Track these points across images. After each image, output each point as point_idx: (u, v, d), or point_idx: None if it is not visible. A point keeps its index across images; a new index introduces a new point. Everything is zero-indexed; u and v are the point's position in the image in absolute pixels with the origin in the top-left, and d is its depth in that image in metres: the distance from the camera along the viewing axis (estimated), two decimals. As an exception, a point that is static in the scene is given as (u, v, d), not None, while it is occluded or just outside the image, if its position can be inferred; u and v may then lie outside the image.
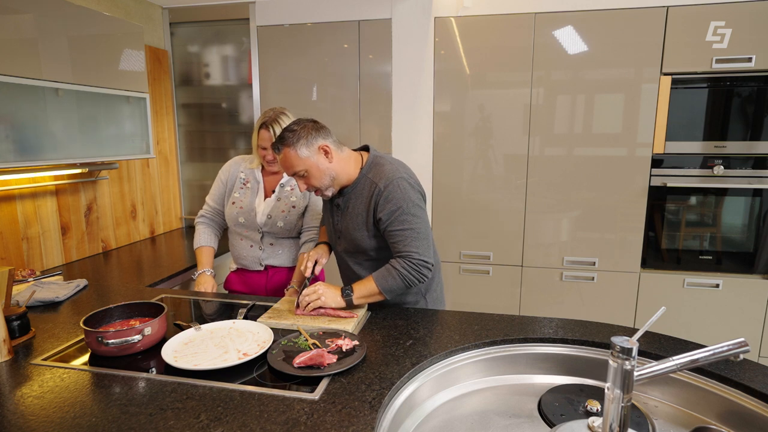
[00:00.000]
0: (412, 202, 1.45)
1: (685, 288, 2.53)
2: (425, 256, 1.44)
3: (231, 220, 1.95)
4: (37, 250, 2.17)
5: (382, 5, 2.66)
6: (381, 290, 1.45)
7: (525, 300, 2.74)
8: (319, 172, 1.45)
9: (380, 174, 1.48)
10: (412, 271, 1.43)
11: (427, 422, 1.13)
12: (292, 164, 1.44)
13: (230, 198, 1.95)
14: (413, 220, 1.45)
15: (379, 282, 1.45)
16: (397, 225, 1.44)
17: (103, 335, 1.20)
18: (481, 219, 2.73)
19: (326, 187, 1.49)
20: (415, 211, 1.45)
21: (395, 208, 1.43)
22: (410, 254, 1.43)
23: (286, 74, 2.85)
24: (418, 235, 1.45)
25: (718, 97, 2.37)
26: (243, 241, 1.96)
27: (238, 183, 1.96)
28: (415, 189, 1.49)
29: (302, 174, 1.45)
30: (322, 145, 1.44)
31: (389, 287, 1.45)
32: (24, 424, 0.95)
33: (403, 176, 1.48)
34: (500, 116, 2.62)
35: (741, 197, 2.43)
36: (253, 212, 1.91)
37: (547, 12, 2.47)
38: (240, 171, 1.97)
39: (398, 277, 1.43)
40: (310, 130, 1.44)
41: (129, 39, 2.23)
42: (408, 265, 1.43)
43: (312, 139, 1.43)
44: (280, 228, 1.92)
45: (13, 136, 1.74)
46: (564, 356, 1.30)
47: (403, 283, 1.44)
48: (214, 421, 0.95)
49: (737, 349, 0.82)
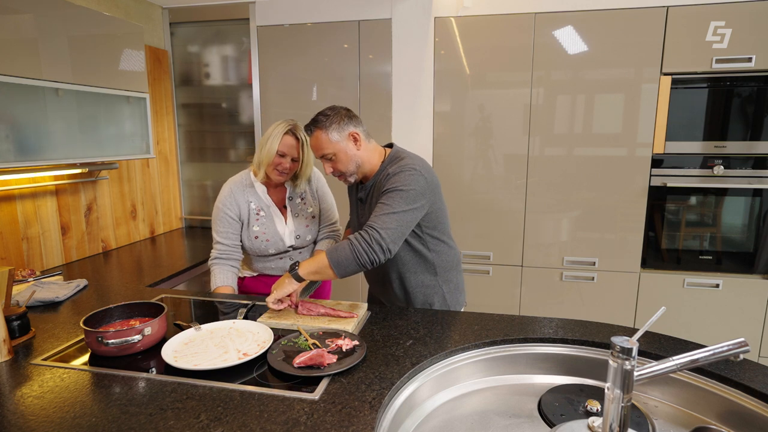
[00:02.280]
0: (408, 189, 1.42)
1: (685, 288, 2.53)
2: (384, 235, 1.36)
3: (259, 251, 1.87)
4: (37, 250, 2.17)
5: (382, 5, 2.66)
6: (330, 262, 1.39)
7: (525, 300, 2.74)
8: (347, 157, 1.51)
9: (396, 164, 1.49)
10: (363, 243, 1.36)
11: (427, 422, 1.13)
12: (322, 146, 1.50)
13: (250, 233, 1.84)
14: (399, 203, 1.40)
15: (330, 254, 1.39)
16: (383, 199, 1.43)
17: (103, 335, 1.20)
18: (481, 219, 2.73)
19: (351, 174, 1.54)
20: (405, 196, 1.41)
21: (390, 187, 1.43)
22: (371, 225, 1.38)
23: (286, 74, 2.85)
24: (393, 216, 1.39)
25: (718, 97, 2.37)
26: (269, 255, 1.90)
27: (252, 215, 1.85)
28: (420, 181, 1.44)
29: (330, 157, 1.51)
30: (352, 132, 1.50)
31: (337, 259, 1.38)
32: (24, 424, 0.95)
33: (416, 168, 1.46)
34: (500, 116, 2.62)
35: (741, 197, 2.43)
36: (281, 241, 1.87)
37: (547, 12, 2.47)
38: (249, 201, 1.85)
39: (348, 248, 1.37)
40: (343, 116, 1.50)
41: (129, 39, 2.23)
42: (361, 236, 1.37)
43: (344, 125, 1.49)
44: (309, 240, 1.93)
45: (13, 136, 1.74)
46: (564, 356, 1.30)
47: (352, 256, 1.37)
48: (214, 421, 0.95)
49: (737, 349, 0.82)
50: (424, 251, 1.58)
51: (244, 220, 1.85)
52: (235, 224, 1.84)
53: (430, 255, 1.59)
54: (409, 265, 1.59)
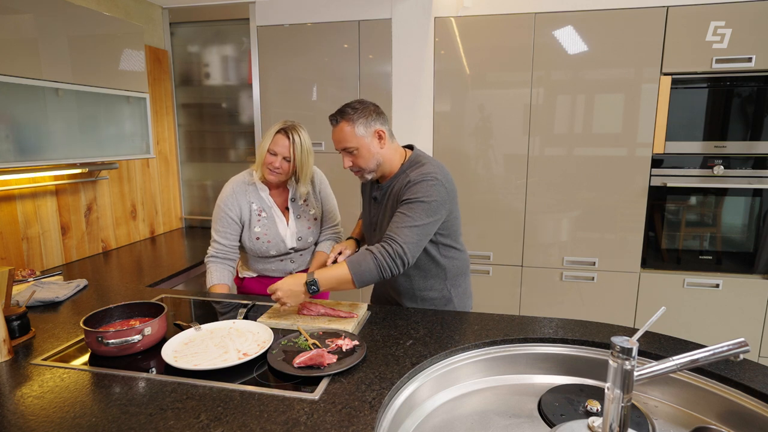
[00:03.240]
0: (429, 200, 1.41)
1: (685, 288, 2.53)
2: (406, 249, 1.36)
3: (260, 252, 1.86)
4: (37, 250, 2.16)
5: (382, 5, 2.66)
6: (353, 276, 1.36)
7: (525, 300, 2.74)
8: (369, 154, 1.47)
9: (417, 170, 1.48)
10: (387, 258, 1.36)
11: (427, 422, 1.13)
12: (346, 139, 1.45)
13: (251, 234, 1.83)
14: (418, 215, 1.40)
15: (352, 267, 1.36)
16: (404, 209, 1.42)
17: (103, 335, 1.20)
18: (481, 219, 2.73)
19: (370, 171, 1.51)
20: (426, 208, 1.40)
21: (412, 197, 1.41)
22: (393, 238, 1.37)
23: (286, 74, 2.85)
24: (415, 229, 1.39)
25: (718, 97, 2.37)
26: (270, 257, 1.89)
27: (254, 216, 1.83)
28: (441, 192, 1.44)
29: (352, 151, 1.47)
30: (378, 129, 1.47)
31: (361, 272, 1.36)
32: (24, 424, 0.95)
33: (437, 177, 1.44)
34: (500, 116, 2.62)
35: (741, 197, 2.43)
36: (282, 243, 1.86)
37: (547, 12, 2.47)
38: (250, 201, 1.84)
39: (372, 261, 1.36)
40: (371, 112, 1.47)
41: (129, 39, 2.23)
42: (385, 249, 1.37)
43: (372, 120, 1.46)
44: (311, 242, 1.93)
45: (13, 136, 1.74)
46: (564, 356, 1.30)
47: (376, 269, 1.36)
48: (214, 421, 0.95)
49: (737, 349, 0.82)
50: (437, 256, 1.56)
51: (245, 221, 1.83)
52: (234, 225, 1.83)
53: (442, 260, 1.57)
54: (420, 268, 1.58)
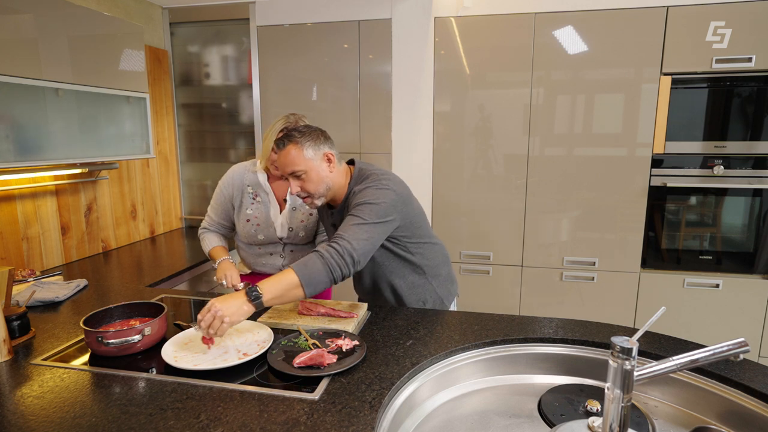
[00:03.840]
0: (378, 203, 1.38)
1: (685, 288, 2.53)
2: (357, 248, 1.30)
3: (248, 237, 1.86)
4: (37, 250, 2.16)
5: (382, 5, 2.66)
6: (301, 280, 1.25)
7: (525, 300, 2.74)
8: (318, 177, 1.43)
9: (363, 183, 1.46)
10: (336, 256, 1.28)
11: (427, 422, 1.13)
12: (294, 162, 1.41)
13: (242, 215, 1.84)
14: (369, 215, 1.36)
15: (299, 270, 1.26)
16: (352, 212, 1.39)
17: (103, 335, 1.20)
18: (481, 219, 2.73)
19: (319, 196, 1.46)
20: (376, 210, 1.37)
21: (361, 201, 1.39)
22: (341, 236, 1.32)
23: (286, 74, 2.85)
24: (364, 227, 1.34)
25: (718, 97, 2.37)
26: (261, 250, 1.90)
27: (247, 198, 1.85)
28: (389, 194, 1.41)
29: (300, 175, 1.42)
30: (327, 152, 1.45)
31: (310, 275, 1.26)
32: (24, 424, 0.95)
33: (383, 182, 1.43)
34: (500, 116, 2.62)
35: (741, 197, 2.43)
36: (272, 227, 1.85)
37: (547, 12, 2.47)
38: (246, 184, 1.85)
39: (319, 261, 1.28)
40: (319, 135, 1.45)
41: (129, 39, 2.23)
42: (332, 247, 1.30)
43: (320, 143, 1.44)
44: (302, 237, 1.89)
45: (13, 136, 1.74)
46: (564, 356, 1.30)
47: (325, 270, 1.27)
48: (214, 421, 0.95)
49: (737, 349, 0.82)
50: (408, 256, 1.56)
51: (236, 203, 1.85)
52: (226, 203, 1.86)
53: (414, 258, 1.57)
54: (396, 271, 1.58)
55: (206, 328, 1.18)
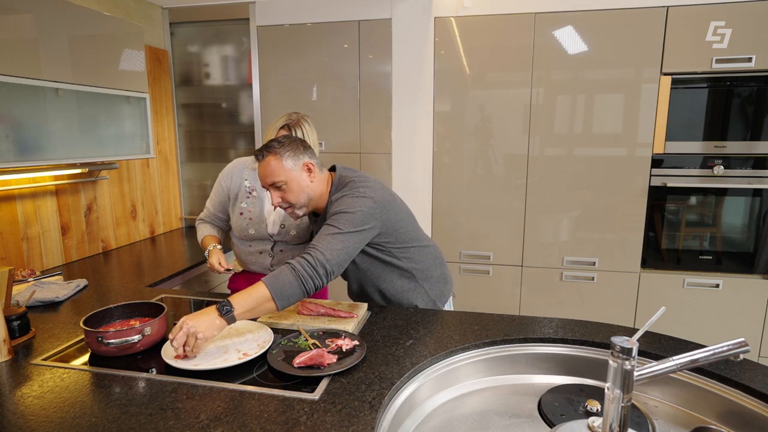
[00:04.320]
0: (354, 211, 1.37)
1: (685, 288, 2.53)
2: (328, 257, 1.29)
3: (240, 231, 1.85)
4: (37, 250, 2.17)
5: (382, 5, 2.66)
6: (272, 293, 1.23)
7: (525, 300, 2.74)
8: (299, 188, 1.43)
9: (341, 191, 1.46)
10: (307, 268, 1.26)
11: (427, 422, 1.13)
12: (274, 173, 1.40)
13: (236, 208, 1.85)
14: (344, 225, 1.35)
15: (270, 283, 1.24)
16: (329, 221, 1.38)
17: (103, 335, 1.20)
18: (481, 219, 2.73)
19: (300, 206, 1.45)
20: (351, 219, 1.36)
21: (337, 210, 1.39)
22: (314, 247, 1.31)
23: (286, 74, 2.86)
24: (338, 236, 1.33)
25: (718, 97, 2.37)
26: (252, 248, 1.88)
27: (244, 192, 1.85)
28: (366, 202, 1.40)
29: (280, 185, 1.42)
30: (307, 162, 1.44)
31: (281, 288, 1.24)
32: (24, 424, 0.95)
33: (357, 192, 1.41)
34: (500, 116, 2.62)
35: (741, 197, 2.43)
36: (263, 223, 1.83)
37: (547, 12, 2.47)
38: (244, 178, 1.86)
39: (290, 273, 1.26)
40: (298, 145, 1.44)
41: (129, 39, 2.23)
42: (303, 258, 1.28)
43: (299, 154, 1.43)
44: (293, 236, 1.87)
45: (13, 136, 1.74)
46: (564, 356, 1.30)
47: (296, 282, 1.25)
48: (214, 421, 0.95)
49: (737, 349, 0.82)
50: (394, 261, 1.54)
51: (233, 195, 1.87)
52: (222, 195, 1.89)
53: (401, 263, 1.56)
54: (383, 276, 1.57)
55: (180, 347, 1.16)
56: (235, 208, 1.86)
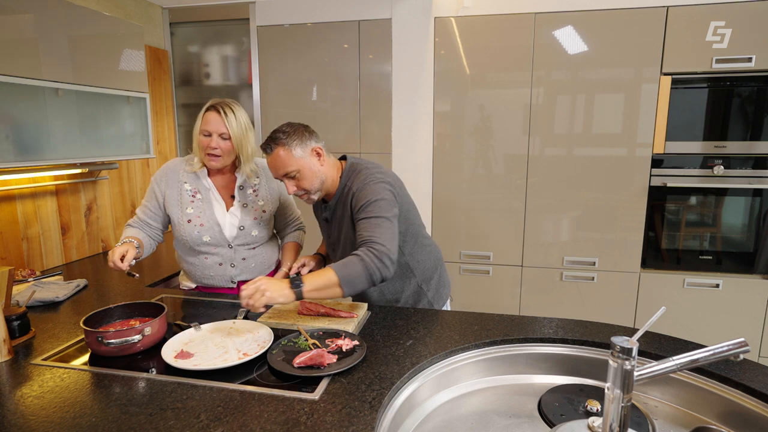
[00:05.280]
0: (381, 197, 1.41)
1: (685, 288, 2.53)
2: (388, 246, 1.33)
3: (193, 241, 1.67)
4: (37, 250, 2.16)
5: (382, 5, 2.66)
6: (340, 279, 1.29)
7: (525, 300, 2.74)
8: (312, 173, 1.44)
9: (356, 180, 1.47)
10: (375, 260, 1.30)
11: (427, 422, 1.13)
12: (285, 164, 1.42)
13: (183, 217, 1.66)
14: (379, 210, 1.39)
15: (339, 269, 1.30)
16: (363, 215, 1.40)
17: (103, 335, 1.20)
18: (481, 219, 2.73)
19: (315, 191, 1.48)
20: (383, 204, 1.40)
21: (364, 202, 1.41)
22: (372, 239, 1.34)
23: (286, 74, 2.85)
24: (382, 224, 1.37)
25: (718, 97, 2.37)
26: (208, 260, 1.71)
27: (186, 196, 1.67)
28: (386, 187, 1.44)
29: (294, 175, 1.43)
30: (315, 147, 1.45)
31: (349, 275, 1.29)
32: (24, 424, 0.95)
33: (376, 175, 1.45)
34: (500, 116, 2.62)
35: (741, 197, 2.43)
36: (217, 226, 1.67)
37: (547, 12, 2.47)
38: (183, 181, 1.68)
39: (359, 264, 1.30)
40: (303, 132, 1.45)
41: (129, 39, 2.23)
42: (370, 251, 1.32)
43: (306, 140, 1.44)
44: (255, 236, 1.72)
45: (13, 136, 1.74)
46: (564, 356, 1.30)
47: (364, 272, 1.30)
48: (214, 421, 0.95)
49: (737, 349, 0.82)
50: (399, 257, 1.53)
51: (173, 203, 1.67)
52: (153, 201, 1.69)
53: (405, 258, 1.56)
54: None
55: (247, 297, 1.24)
56: (182, 216, 1.66)
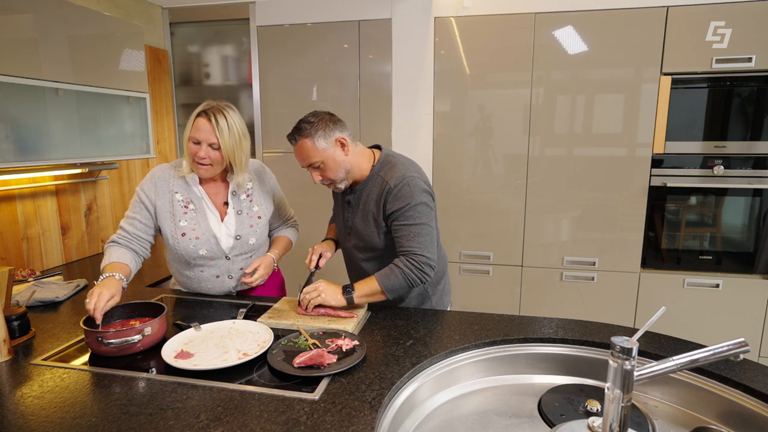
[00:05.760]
0: (421, 201, 1.45)
1: (685, 288, 2.53)
2: (428, 255, 1.43)
3: (188, 254, 1.59)
4: (37, 250, 2.16)
5: (382, 5, 2.66)
6: (383, 289, 1.43)
7: (525, 300, 2.74)
8: (336, 164, 1.47)
9: (391, 173, 1.48)
10: (415, 270, 1.42)
11: (427, 422, 1.13)
12: (309, 155, 1.45)
13: (176, 230, 1.57)
14: (419, 217, 1.45)
15: (382, 281, 1.44)
16: (402, 220, 1.45)
17: (103, 335, 1.20)
18: (481, 219, 2.73)
19: (341, 180, 1.51)
20: (423, 209, 1.45)
21: (403, 205, 1.44)
22: (413, 251, 1.43)
23: (286, 74, 2.85)
24: (422, 231, 1.44)
25: (718, 97, 2.36)
26: (205, 273, 1.64)
27: (178, 207, 1.57)
28: (424, 189, 1.48)
29: (318, 165, 1.47)
30: (339, 137, 1.46)
31: (391, 286, 1.43)
32: (24, 424, 0.95)
33: (413, 175, 1.47)
34: (500, 116, 2.62)
35: (741, 197, 2.43)
36: (213, 239, 1.59)
37: (547, 12, 2.47)
38: (173, 191, 1.58)
39: (401, 275, 1.43)
40: (327, 122, 1.46)
41: (129, 39, 2.23)
42: (410, 263, 1.43)
43: (330, 131, 1.45)
44: (252, 245, 1.66)
45: (13, 136, 1.74)
46: (564, 356, 1.30)
47: (405, 282, 1.43)
48: (214, 421, 0.95)
49: (737, 349, 0.82)
50: None
51: (164, 215, 1.57)
52: (144, 212, 1.56)
53: None
54: None
55: (305, 294, 1.44)
56: (175, 230, 1.57)
